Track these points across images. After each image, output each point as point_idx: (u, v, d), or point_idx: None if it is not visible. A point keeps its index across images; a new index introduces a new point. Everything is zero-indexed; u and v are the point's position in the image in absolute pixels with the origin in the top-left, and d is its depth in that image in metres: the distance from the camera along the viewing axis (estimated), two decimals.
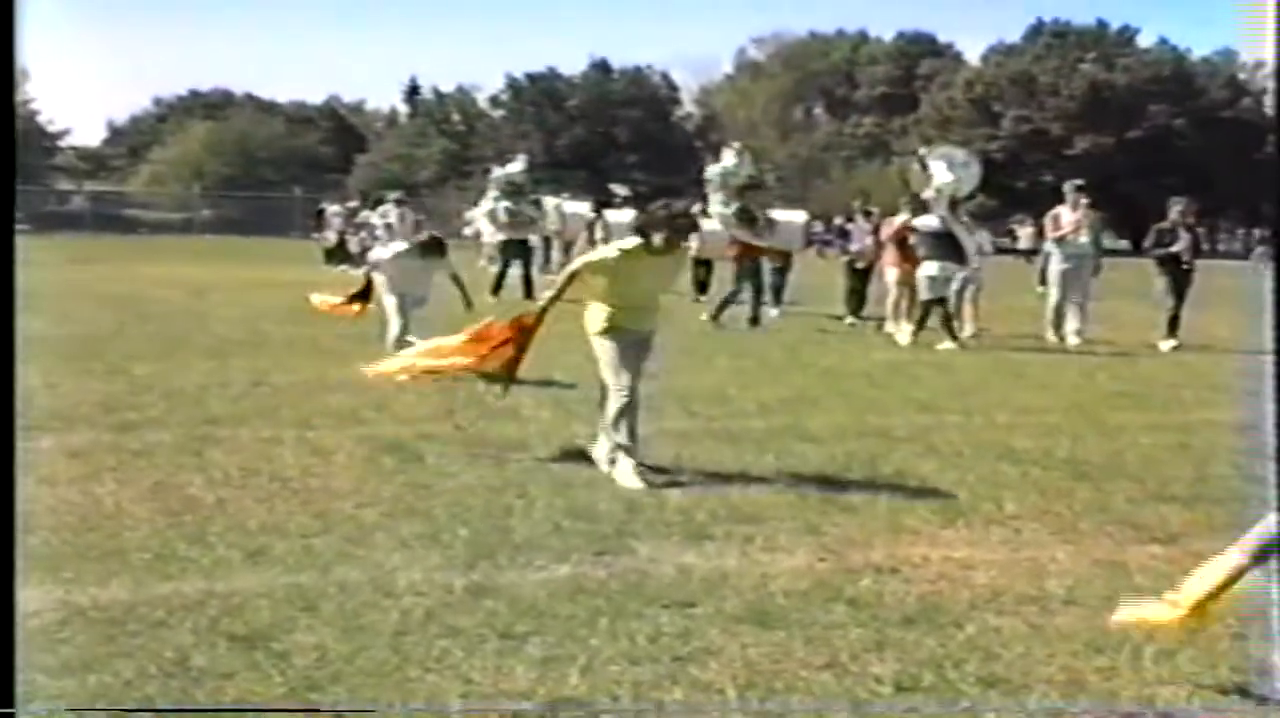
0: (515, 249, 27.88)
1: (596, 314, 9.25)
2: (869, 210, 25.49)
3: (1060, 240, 20.37)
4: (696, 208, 23.74)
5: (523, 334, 9.63)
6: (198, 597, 6.12)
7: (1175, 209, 19.96)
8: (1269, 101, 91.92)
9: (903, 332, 19.48)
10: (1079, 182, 21.11)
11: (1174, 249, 19.38)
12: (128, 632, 5.63)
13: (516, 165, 30.74)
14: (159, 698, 5.00)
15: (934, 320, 18.66)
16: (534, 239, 31.86)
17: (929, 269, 18.91)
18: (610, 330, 9.18)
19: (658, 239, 9.19)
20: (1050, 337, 19.74)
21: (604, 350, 9.20)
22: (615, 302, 9.20)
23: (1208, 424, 12.05)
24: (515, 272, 26.60)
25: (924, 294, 18.97)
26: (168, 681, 5.13)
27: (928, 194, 19.91)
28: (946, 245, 19.12)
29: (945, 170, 20.87)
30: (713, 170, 26.62)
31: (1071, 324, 19.86)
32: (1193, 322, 19.61)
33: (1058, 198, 21.09)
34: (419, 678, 5.26)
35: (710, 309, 21.90)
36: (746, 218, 22.77)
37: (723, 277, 24.58)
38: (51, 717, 4.90)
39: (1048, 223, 21.06)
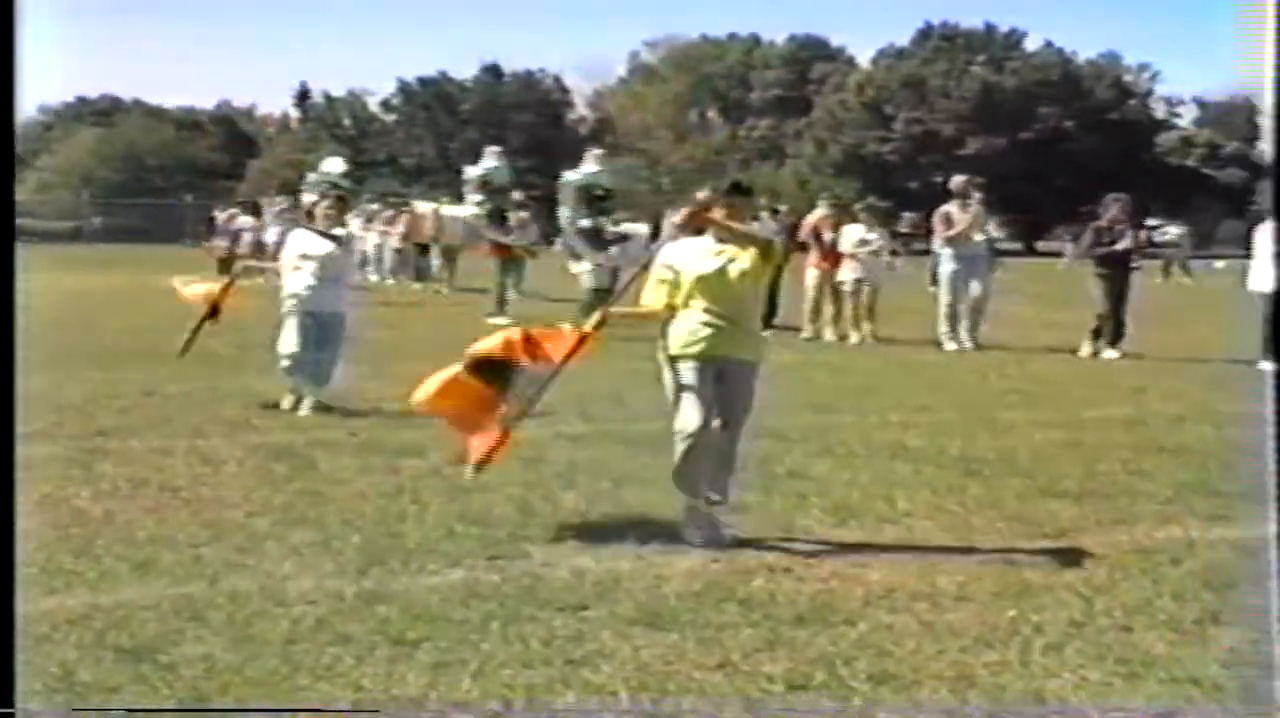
0: None
1: (670, 335, 7.72)
2: (776, 209, 23.46)
3: (951, 240, 19.20)
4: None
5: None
6: (83, 610, 6.04)
7: (1116, 206, 18.66)
8: (1153, 104, 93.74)
9: (820, 330, 20.29)
10: (967, 177, 20.18)
11: (1118, 248, 18.25)
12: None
13: (335, 165, 30.46)
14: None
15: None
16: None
17: (583, 265, 20.47)
18: (685, 356, 7.65)
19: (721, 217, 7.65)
20: (946, 344, 18.75)
21: (673, 380, 7.71)
22: (691, 319, 7.65)
23: (1096, 421, 12.22)
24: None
25: (596, 284, 20.04)
26: (52, 695, 5.05)
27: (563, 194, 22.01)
28: (594, 239, 20.60)
29: (576, 172, 23.02)
30: (471, 172, 27.15)
31: (964, 328, 18.89)
32: (1078, 321, 19.74)
33: (951, 198, 19.67)
34: (309, 686, 5.22)
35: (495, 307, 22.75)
36: (498, 217, 24.16)
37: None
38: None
39: (937, 222, 19.75)
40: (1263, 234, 17.50)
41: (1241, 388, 14.54)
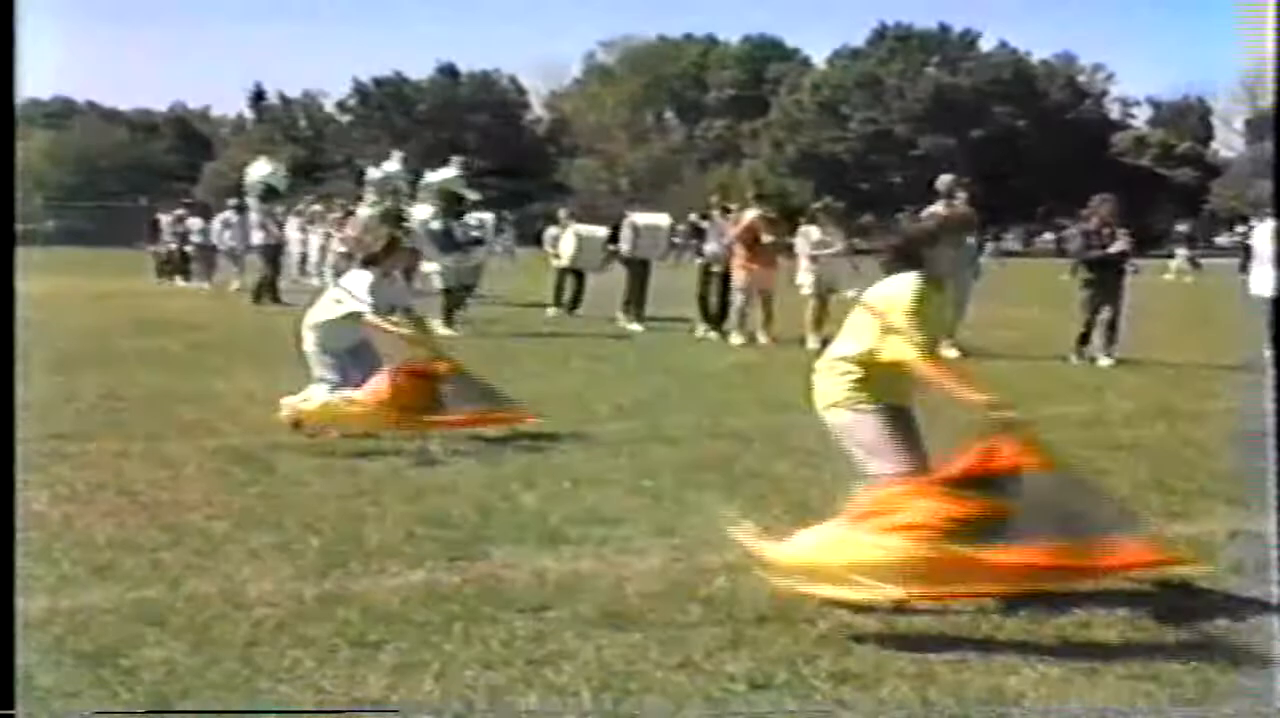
0: (270, 254, 27.83)
1: (847, 380, 6.88)
2: (728, 208, 21.95)
3: None
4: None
5: None
6: (43, 614, 5.99)
7: (1105, 207, 17.61)
8: (1107, 104, 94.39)
9: (753, 334, 19.69)
10: (954, 176, 19.09)
11: (1112, 251, 17.20)
12: None
13: (262, 169, 30.17)
14: None
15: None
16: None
17: (444, 262, 21.16)
18: (875, 401, 6.90)
19: (945, 259, 6.84)
20: None
21: (866, 429, 6.96)
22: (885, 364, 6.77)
23: (1054, 420, 12.24)
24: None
25: (445, 284, 21.03)
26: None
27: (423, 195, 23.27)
28: (446, 240, 21.40)
29: (435, 174, 24.48)
30: (373, 174, 27.31)
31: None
32: (1033, 319, 19.79)
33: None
34: (270, 689, 5.20)
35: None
36: (392, 219, 23.99)
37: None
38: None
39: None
40: (1261, 236, 17.40)
41: (1198, 387, 14.67)
